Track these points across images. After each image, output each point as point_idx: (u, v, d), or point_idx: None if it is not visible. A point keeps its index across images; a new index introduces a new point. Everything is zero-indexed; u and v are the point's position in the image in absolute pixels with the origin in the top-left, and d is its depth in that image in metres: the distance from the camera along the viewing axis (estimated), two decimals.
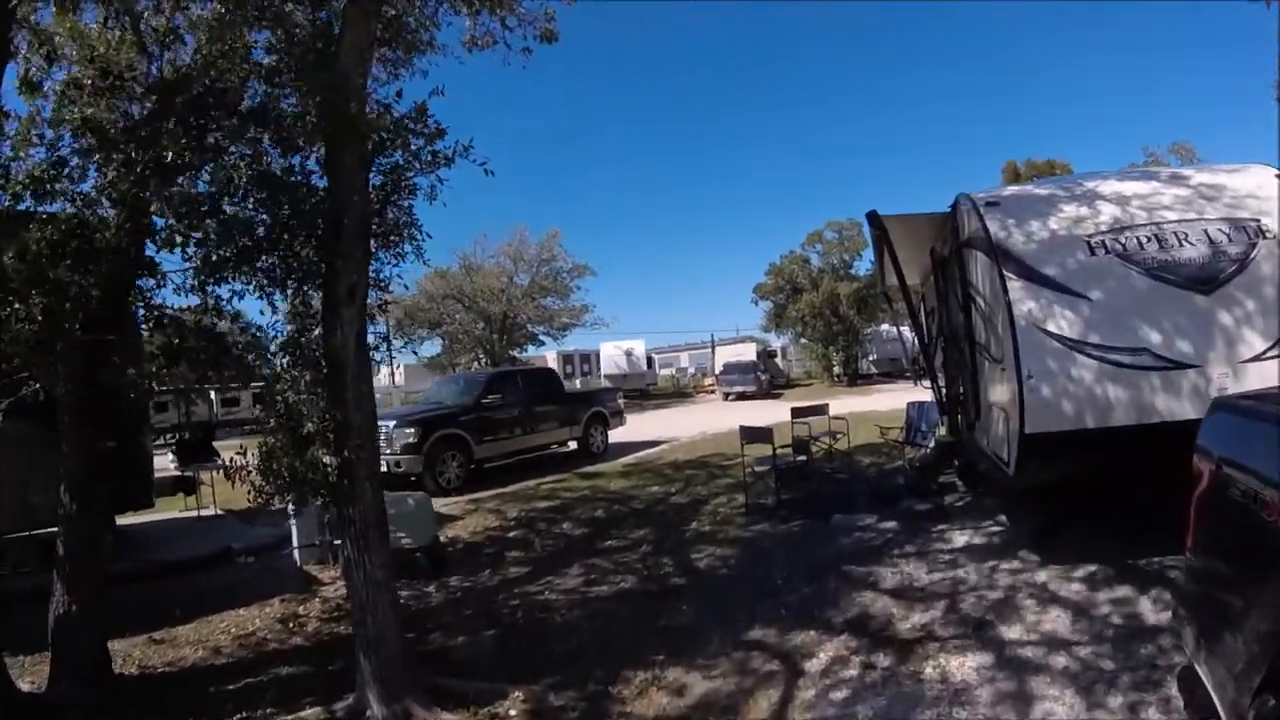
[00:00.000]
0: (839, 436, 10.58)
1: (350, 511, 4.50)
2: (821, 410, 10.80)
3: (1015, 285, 5.45)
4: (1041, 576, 5.50)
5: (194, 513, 10.52)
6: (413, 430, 11.98)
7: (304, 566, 7.68)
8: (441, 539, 8.56)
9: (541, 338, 34.60)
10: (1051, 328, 5.28)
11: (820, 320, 36.62)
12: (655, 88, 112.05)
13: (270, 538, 8.62)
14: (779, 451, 8.84)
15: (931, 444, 9.58)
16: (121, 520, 9.59)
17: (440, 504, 10.88)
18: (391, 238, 5.10)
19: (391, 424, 12.09)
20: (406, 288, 7.02)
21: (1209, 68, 73.86)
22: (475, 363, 32.42)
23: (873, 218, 7.33)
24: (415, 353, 33.99)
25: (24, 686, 4.88)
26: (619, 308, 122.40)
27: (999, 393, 6.11)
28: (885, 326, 39.73)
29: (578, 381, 38.05)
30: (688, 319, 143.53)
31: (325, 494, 4.29)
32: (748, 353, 39.02)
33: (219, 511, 10.60)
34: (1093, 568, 5.43)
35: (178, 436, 11.87)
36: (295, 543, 7.77)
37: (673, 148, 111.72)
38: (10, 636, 5.00)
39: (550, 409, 14.64)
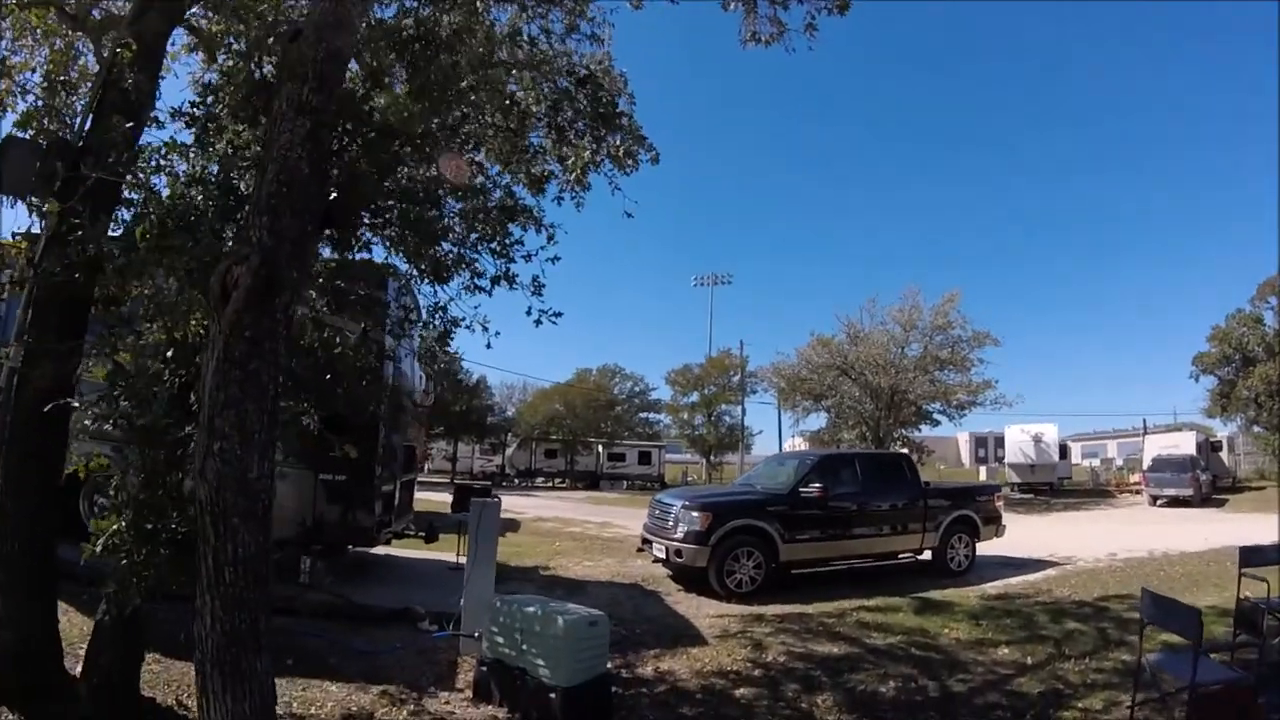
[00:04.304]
0: None
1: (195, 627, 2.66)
2: None
3: None
4: None
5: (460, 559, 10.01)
6: (700, 515, 9.82)
7: (461, 658, 6.21)
8: (646, 673, 6.26)
9: (936, 416, 29.57)
10: None
11: (1277, 400, 27.05)
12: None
13: None
14: (1208, 631, 4.63)
15: None
16: (381, 550, 9.72)
17: (711, 611, 8.66)
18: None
19: (679, 505, 10.20)
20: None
21: None
22: (861, 440, 29.06)
23: None
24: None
25: None
26: (1028, 386, 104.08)
27: None
28: None
29: (982, 471, 31.80)
30: (1116, 400, 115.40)
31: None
32: (1184, 444, 29.39)
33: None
34: None
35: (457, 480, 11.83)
36: (461, 626, 6.28)
37: (1098, 188, 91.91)
38: None
39: (897, 507, 11.26)
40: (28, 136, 4.03)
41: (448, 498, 11.17)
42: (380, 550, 9.77)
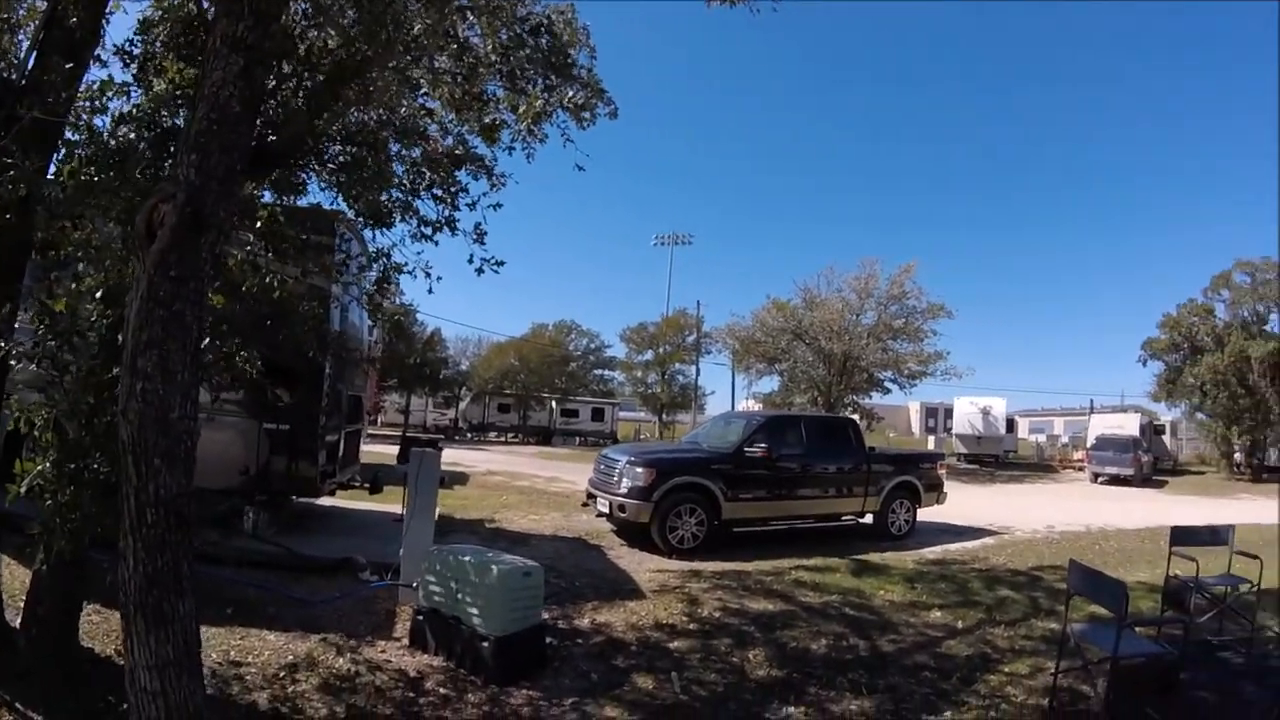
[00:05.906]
0: (1244, 588, 6.26)
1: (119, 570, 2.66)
2: (1220, 537, 6.47)
3: None
4: None
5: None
6: (643, 471, 9.92)
7: (399, 607, 6.27)
8: (583, 625, 6.37)
9: (887, 384, 30.34)
10: None
11: (1223, 390, 28.20)
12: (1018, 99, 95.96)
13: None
14: (1136, 606, 4.92)
15: None
16: (328, 501, 9.67)
17: (652, 566, 8.83)
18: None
19: (624, 460, 10.29)
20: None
21: None
22: (812, 404, 29.66)
23: None
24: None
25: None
26: (981, 360, 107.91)
27: None
28: None
29: (931, 440, 32.94)
30: (1066, 379, 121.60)
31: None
32: (1129, 425, 30.63)
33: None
34: None
35: (405, 434, 11.76)
36: (400, 576, 6.33)
37: (1051, 173, 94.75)
38: None
39: (841, 470, 11.50)
40: None
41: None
42: (326, 501, 9.72)
